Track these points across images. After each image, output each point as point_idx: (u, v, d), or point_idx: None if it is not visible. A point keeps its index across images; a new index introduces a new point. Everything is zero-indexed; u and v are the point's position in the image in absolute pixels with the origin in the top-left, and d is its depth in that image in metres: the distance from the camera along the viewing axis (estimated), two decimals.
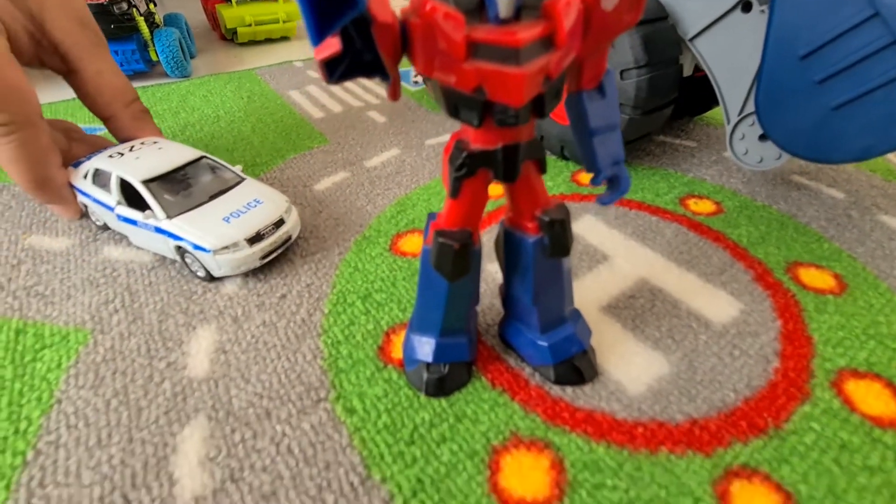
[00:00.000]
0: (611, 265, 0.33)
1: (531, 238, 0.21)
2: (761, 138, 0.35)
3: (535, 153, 0.19)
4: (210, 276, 0.31)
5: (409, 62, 0.17)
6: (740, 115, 0.36)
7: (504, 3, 0.15)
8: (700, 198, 0.40)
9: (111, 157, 0.35)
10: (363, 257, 0.34)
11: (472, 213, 0.20)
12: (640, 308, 0.29)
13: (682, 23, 0.36)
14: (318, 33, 0.13)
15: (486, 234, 0.35)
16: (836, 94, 0.29)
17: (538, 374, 0.25)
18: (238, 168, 0.36)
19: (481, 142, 0.18)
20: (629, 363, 0.26)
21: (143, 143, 0.37)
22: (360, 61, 0.15)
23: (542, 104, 0.16)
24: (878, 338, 0.27)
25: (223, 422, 0.23)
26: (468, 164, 0.18)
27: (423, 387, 0.24)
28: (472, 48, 0.14)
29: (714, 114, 0.54)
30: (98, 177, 0.35)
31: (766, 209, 0.38)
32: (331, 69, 0.15)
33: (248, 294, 0.31)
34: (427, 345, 0.24)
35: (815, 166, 0.44)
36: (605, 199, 0.22)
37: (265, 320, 0.29)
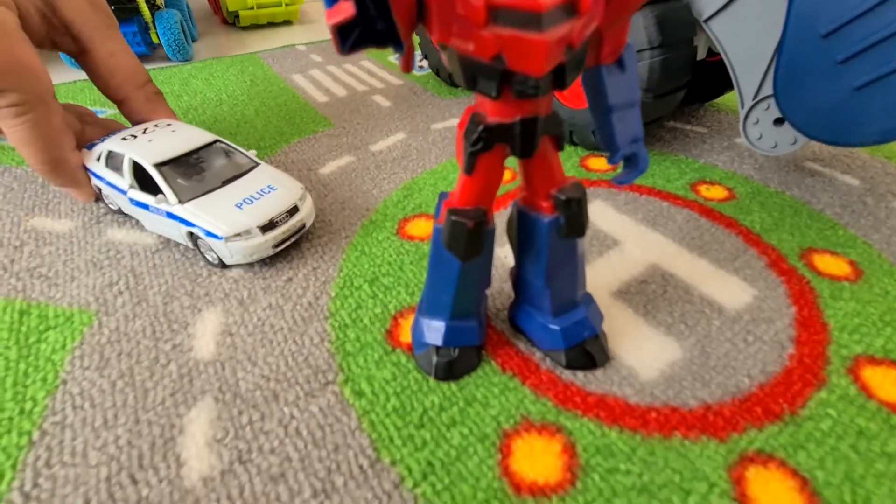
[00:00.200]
0: (621, 250, 0.32)
1: (546, 218, 0.21)
2: (776, 122, 0.35)
3: (554, 128, 0.19)
4: (222, 264, 0.31)
5: (424, 30, 0.16)
6: (755, 98, 0.35)
7: None
8: (711, 184, 0.39)
9: (124, 139, 0.34)
10: (370, 241, 0.33)
11: (486, 191, 0.20)
12: (652, 293, 0.29)
13: (698, 3, 0.35)
14: None
15: (497, 218, 0.35)
16: (857, 75, 0.28)
17: (549, 359, 0.25)
18: (252, 153, 0.35)
19: (499, 115, 0.17)
20: (641, 348, 0.25)
21: (156, 126, 0.36)
22: (373, 28, 0.15)
23: (563, 75, 0.16)
24: (895, 325, 0.27)
25: (230, 404, 0.23)
26: (484, 138, 0.18)
27: (432, 370, 0.24)
28: (492, 13, 0.14)
29: (725, 100, 0.53)
30: (111, 159, 0.34)
31: (779, 195, 0.37)
32: (343, 37, 0.15)
33: (253, 277, 0.30)
34: (437, 328, 0.24)
35: (828, 153, 0.43)
36: (623, 178, 0.21)
37: (271, 303, 0.28)
